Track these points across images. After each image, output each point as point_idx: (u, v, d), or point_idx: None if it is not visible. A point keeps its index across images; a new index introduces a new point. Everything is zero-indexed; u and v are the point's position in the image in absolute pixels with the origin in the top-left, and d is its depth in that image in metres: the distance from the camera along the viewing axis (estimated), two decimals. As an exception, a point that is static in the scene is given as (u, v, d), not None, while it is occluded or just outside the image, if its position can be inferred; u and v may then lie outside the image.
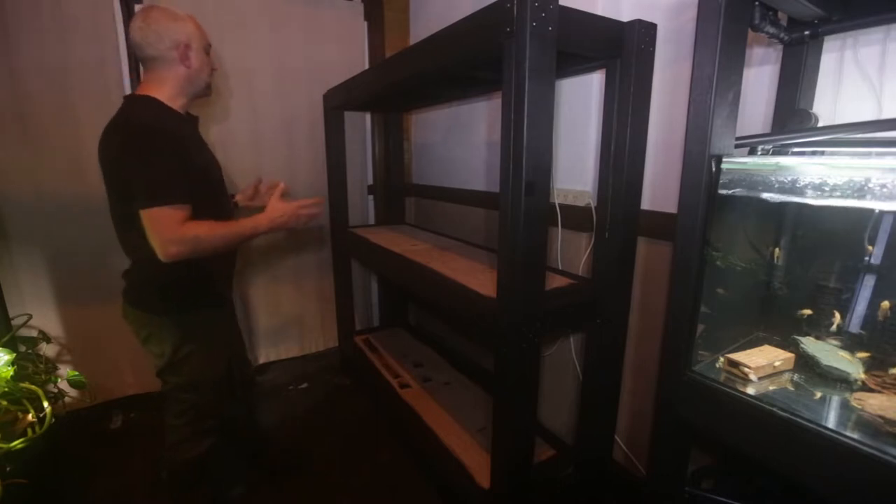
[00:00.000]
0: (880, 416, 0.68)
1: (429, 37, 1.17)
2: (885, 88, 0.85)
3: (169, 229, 1.00)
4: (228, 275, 1.35)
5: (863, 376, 0.79)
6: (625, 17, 1.07)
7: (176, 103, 1.14)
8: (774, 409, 0.72)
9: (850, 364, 0.81)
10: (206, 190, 1.14)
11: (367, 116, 2.38)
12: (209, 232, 1.05)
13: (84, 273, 1.78)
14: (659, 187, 1.24)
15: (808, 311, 0.90)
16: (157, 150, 1.02)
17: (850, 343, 0.86)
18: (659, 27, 1.09)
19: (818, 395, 0.78)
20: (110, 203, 1.12)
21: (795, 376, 0.84)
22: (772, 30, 0.85)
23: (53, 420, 1.27)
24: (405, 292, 2.54)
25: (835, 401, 0.77)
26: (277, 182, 1.23)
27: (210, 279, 1.23)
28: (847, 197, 0.69)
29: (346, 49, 2.20)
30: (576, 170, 1.40)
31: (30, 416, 1.25)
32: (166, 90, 1.12)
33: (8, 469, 1.19)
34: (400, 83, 1.43)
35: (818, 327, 0.90)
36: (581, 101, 1.35)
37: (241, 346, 1.54)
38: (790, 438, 0.70)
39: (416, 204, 2.43)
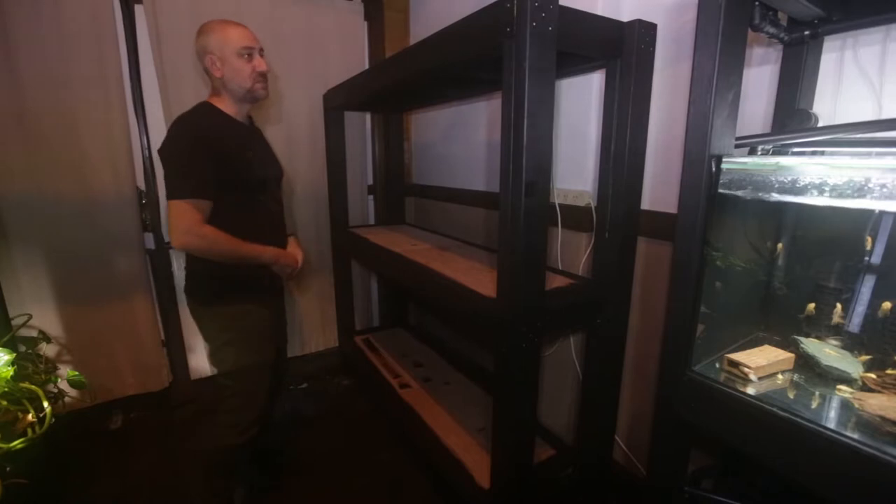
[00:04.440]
0: (880, 416, 0.68)
1: (428, 37, 1.17)
2: (885, 88, 0.85)
3: (186, 222, 1.11)
4: (271, 274, 1.35)
5: (863, 376, 0.79)
6: (625, 17, 1.07)
7: (231, 109, 1.24)
8: (774, 409, 0.72)
9: (850, 364, 0.81)
10: (239, 190, 1.21)
11: (367, 116, 2.38)
12: (221, 241, 1.15)
13: (84, 273, 1.78)
14: (659, 187, 1.24)
15: (813, 306, 0.90)
16: (186, 148, 1.13)
17: (851, 343, 0.86)
18: (659, 27, 1.09)
19: (818, 395, 0.78)
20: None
21: (795, 376, 0.84)
22: (772, 30, 0.85)
23: (53, 420, 1.27)
24: (405, 292, 2.54)
25: (835, 401, 0.77)
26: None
27: (249, 274, 1.27)
28: (847, 197, 0.69)
29: (346, 49, 2.20)
30: (576, 170, 1.40)
31: (30, 416, 1.25)
32: (219, 97, 1.24)
33: (8, 469, 1.19)
34: (400, 83, 1.43)
35: (818, 327, 0.90)
36: (581, 101, 1.35)
37: (284, 343, 1.56)
38: (790, 438, 0.70)
39: (416, 204, 2.43)
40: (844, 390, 0.78)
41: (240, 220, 1.21)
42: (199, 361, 2.13)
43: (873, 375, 0.78)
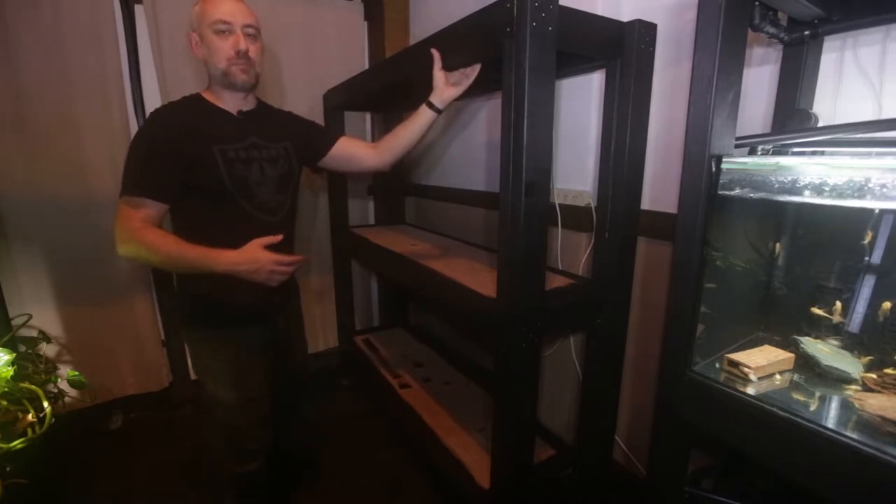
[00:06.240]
0: (880, 416, 0.68)
1: (428, 37, 1.17)
2: (885, 88, 0.85)
3: (122, 224, 0.97)
4: (265, 295, 1.15)
5: (863, 376, 0.79)
6: (625, 17, 1.07)
7: (219, 100, 1.09)
8: (774, 409, 0.72)
9: (850, 364, 0.81)
10: (206, 193, 1.05)
11: (367, 116, 2.38)
12: (155, 244, 0.96)
13: (84, 273, 1.78)
14: (659, 187, 1.24)
15: (818, 311, 0.89)
16: (137, 143, 1.00)
17: (851, 343, 0.86)
18: (659, 27, 1.09)
19: (818, 394, 0.78)
20: None
21: (795, 376, 0.84)
22: (772, 30, 0.85)
23: (53, 420, 1.27)
24: (405, 292, 2.54)
25: (835, 401, 0.77)
26: (277, 237, 1.03)
27: (220, 299, 1.11)
28: (847, 197, 0.69)
29: (346, 49, 2.20)
30: (576, 170, 1.40)
31: (30, 416, 1.25)
32: (208, 86, 1.10)
33: (8, 469, 1.19)
34: (400, 83, 1.43)
35: (818, 327, 0.90)
36: (581, 101, 1.35)
37: (292, 360, 1.39)
38: (790, 438, 0.70)
39: (416, 204, 2.42)
40: (844, 390, 0.78)
41: (208, 230, 1.04)
42: (199, 361, 2.13)
43: (873, 375, 0.78)
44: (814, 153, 0.85)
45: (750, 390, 0.80)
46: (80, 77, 1.66)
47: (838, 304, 0.86)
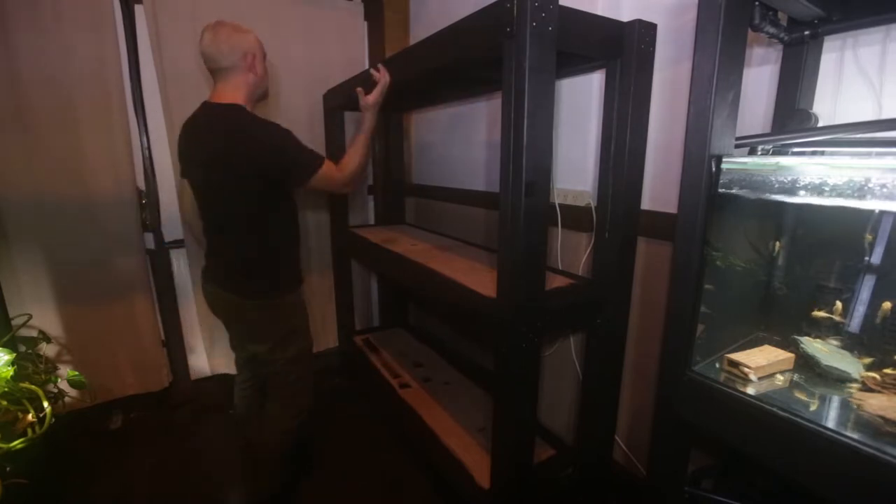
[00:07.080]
0: (880, 416, 0.68)
1: (429, 37, 1.17)
2: (885, 88, 0.85)
3: (336, 178, 1.28)
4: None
5: (863, 376, 0.79)
6: (625, 17, 1.07)
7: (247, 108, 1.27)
8: (774, 409, 0.72)
9: (850, 364, 0.81)
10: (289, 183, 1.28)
11: (367, 116, 2.38)
12: (352, 156, 1.31)
13: (84, 273, 1.78)
14: (659, 187, 1.24)
15: (819, 313, 0.89)
16: (286, 138, 1.19)
17: (851, 343, 0.86)
18: (659, 27, 1.09)
19: (818, 395, 0.78)
20: (222, 200, 1.24)
21: (795, 376, 0.84)
22: (772, 30, 0.85)
23: (53, 420, 1.27)
24: (405, 292, 2.54)
25: (835, 401, 0.77)
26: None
27: (297, 263, 1.39)
28: (847, 197, 0.69)
29: (346, 49, 2.20)
30: (576, 170, 1.40)
31: (30, 416, 1.25)
32: (241, 96, 1.23)
33: (8, 469, 1.19)
34: (400, 83, 1.43)
35: (818, 327, 0.90)
36: (581, 101, 1.35)
37: None
38: (790, 438, 0.70)
39: (416, 204, 2.43)
40: (845, 390, 0.78)
41: (290, 213, 1.33)
42: (199, 361, 2.13)
43: (873, 375, 0.78)
44: (814, 153, 0.85)
45: (750, 390, 0.80)
46: (80, 77, 1.66)
47: (838, 304, 0.86)
